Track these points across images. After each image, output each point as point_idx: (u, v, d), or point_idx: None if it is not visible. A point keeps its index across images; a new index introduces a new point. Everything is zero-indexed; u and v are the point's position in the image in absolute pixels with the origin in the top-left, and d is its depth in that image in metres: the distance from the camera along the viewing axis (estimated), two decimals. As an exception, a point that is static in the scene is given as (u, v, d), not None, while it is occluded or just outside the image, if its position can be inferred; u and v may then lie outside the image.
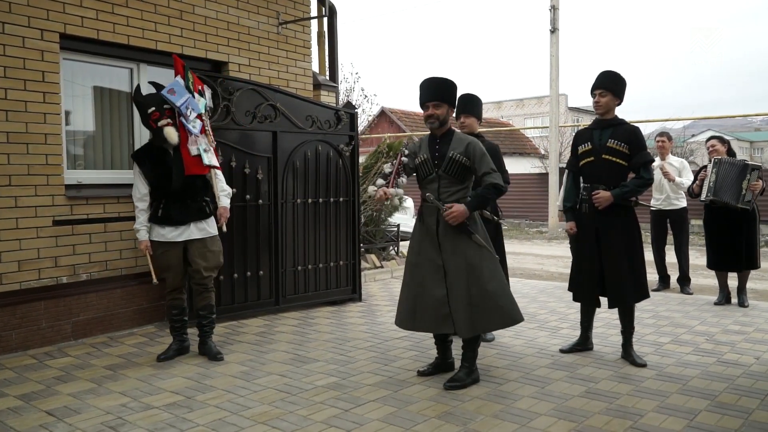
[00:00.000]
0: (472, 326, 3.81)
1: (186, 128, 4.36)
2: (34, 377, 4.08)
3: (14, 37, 4.57)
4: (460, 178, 3.88)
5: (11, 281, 4.61)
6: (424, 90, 3.96)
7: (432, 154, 3.94)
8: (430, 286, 3.87)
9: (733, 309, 6.12)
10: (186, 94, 4.42)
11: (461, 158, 3.85)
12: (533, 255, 11.77)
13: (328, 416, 3.41)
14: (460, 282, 3.81)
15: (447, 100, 3.94)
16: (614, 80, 4.39)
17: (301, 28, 6.66)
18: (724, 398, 3.65)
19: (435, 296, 3.85)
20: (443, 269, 3.86)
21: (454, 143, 3.90)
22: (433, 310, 3.85)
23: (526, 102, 38.66)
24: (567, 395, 3.71)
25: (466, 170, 3.89)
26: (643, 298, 4.42)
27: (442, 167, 3.88)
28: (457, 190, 3.89)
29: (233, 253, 5.54)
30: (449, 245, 3.86)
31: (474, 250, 3.84)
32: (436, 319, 3.86)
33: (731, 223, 6.11)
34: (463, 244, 3.84)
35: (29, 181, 4.69)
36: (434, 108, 3.91)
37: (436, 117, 3.91)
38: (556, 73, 16.01)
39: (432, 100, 3.91)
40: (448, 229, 3.85)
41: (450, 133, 3.98)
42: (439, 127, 3.95)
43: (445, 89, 3.94)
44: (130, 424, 3.31)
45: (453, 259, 3.84)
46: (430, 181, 3.94)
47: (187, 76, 4.50)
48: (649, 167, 4.34)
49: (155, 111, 4.31)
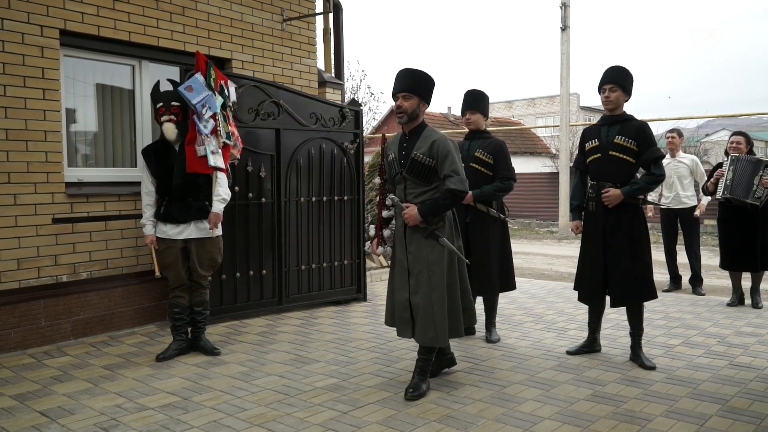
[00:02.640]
0: (422, 333, 3.66)
1: (197, 127, 4.32)
2: (30, 377, 4.03)
3: (13, 33, 4.53)
4: (425, 180, 3.64)
5: (10, 279, 4.56)
6: (396, 80, 3.70)
7: (399, 152, 3.73)
8: (398, 289, 3.79)
9: (747, 310, 5.98)
10: (204, 92, 4.39)
11: (424, 158, 3.60)
12: (543, 255, 11.63)
13: (325, 419, 3.33)
14: (420, 287, 3.66)
15: (419, 93, 3.66)
16: (623, 75, 4.29)
17: (305, 24, 6.59)
18: (735, 403, 3.53)
19: (399, 300, 3.76)
20: (408, 272, 3.72)
21: (420, 142, 3.65)
22: (398, 315, 3.77)
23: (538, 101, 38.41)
24: (572, 398, 3.61)
25: (431, 171, 3.63)
26: (650, 299, 4.30)
27: (406, 168, 3.68)
28: (423, 191, 3.66)
29: (236, 252, 5.48)
30: (414, 248, 3.70)
31: (436, 255, 3.65)
32: (400, 323, 3.77)
33: (746, 222, 5.97)
34: (428, 247, 3.66)
35: (29, 178, 4.65)
36: (403, 99, 3.64)
37: (404, 110, 3.64)
38: (566, 71, 15.85)
39: (402, 91, 3.64)
40: (415, 232, 3.69)
41: (419, 129, 3.72)
42: (408, 122, 3.69)
43: (418, 81, 3.66)
44: (123, 425, 3.25)
45: (416, 262, 3.68)
46: (398, 182, 3.76)
47: (209, 73, 4.46)
48: (660, 163, 4.22)
49: (162, 106, 4.41)
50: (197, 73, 4.44)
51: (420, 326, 3.66)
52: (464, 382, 3.90)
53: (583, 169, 4.51)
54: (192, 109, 4.34)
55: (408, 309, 3.73)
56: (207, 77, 4.44)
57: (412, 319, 3.72)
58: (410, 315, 3.72)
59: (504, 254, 4.90)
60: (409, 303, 3.72)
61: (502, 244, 4.90)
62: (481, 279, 4.78)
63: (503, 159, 4.79)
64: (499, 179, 4.75)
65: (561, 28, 15.86)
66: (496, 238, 4.82)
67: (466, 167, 4.80)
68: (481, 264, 4.77)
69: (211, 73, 4.47)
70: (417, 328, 3.68)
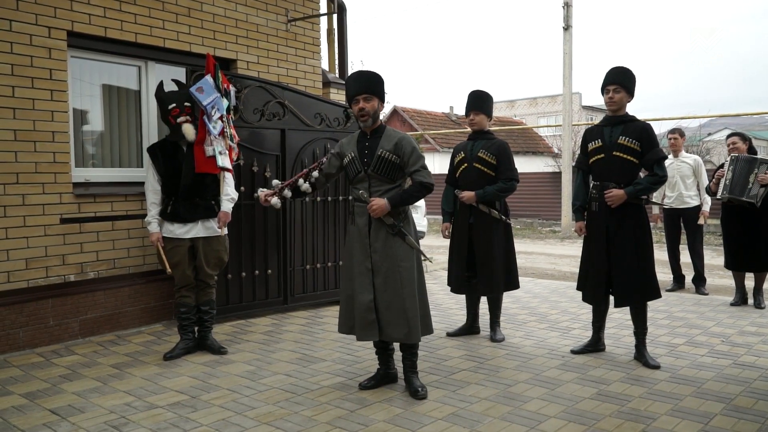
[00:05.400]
0: (395, 330, 3.64)
1: (207, 128, 4.36)
2: (40, 375, 4.07)
3: (21, 35, 4.57)
4: (390, 177, 3.67)
5: (19, 279, 4.60)
6: (352, 83, 3.70)
7: (361, 152, 3.72)
8: (359, 291, 3.69)
9: (750, 310, 6.00)
10: (214, 93, 4.44)
11: (390, 156, 3.64)
12: (546, 254, 11.65)
13: (333, 417, 3.36)
14: (389, 284, 3.65)
15: (377, 94, 3.69)
16: (627, 76, 4.31)
17: (310, 25, 6.62)
18: (740, 402, 3.55)
19: (362, 302, 3.67)
20: (371, 272, 3.68)
21: (384, 141, 3.68)
22: (360, 318, 3.68)
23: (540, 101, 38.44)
24: (577, 397, 3.63)
25: (396, 168, 3.67)
26: (653, 298, 4.33)
27: (371, 166, 3.67)
28: (388, 189, 3.68)
29: (241, 252, 5.51)
30: (380, 245, 3.67)
31: (404, 253, 3.67)
32: (362, 327, 3.68)
33: (749, 222, 5.98)
34: (396, 245, 3.67)
35: (37, 179, 4.68)
36: (365, 101, 3.65)
37: (366, 112, 3.65)
38: (569, 70, 15.86)
39: (362, 93, 3.64)
40: (381, 230, 3.68)
41: (380, 129, 3.74)
42: (371, 124, 3.72)
43: (374, 82, 3.69)
44: (134, 423, 3.28)
45: (384, 260, 3.65)
46: (360, 181, 3.72)
47: (217, 75, 4.50)
48: (662, 164, 4.25)
49: (176, 107, 4.43)
50: (207, 75, 4.47)
51: (391, 324, 3.64)
52: (470, 381, 3.93)
53: (586, 169, 4.53)
54: (201, 110, 4.38)
55: (372, 310, 3.66)
56: (215, 79, 4.48)
57: (377, 320, 3.67)
58: (375, 316, 3.66)
59: (508, 253, 4.93)
60: (374, 304, 3.66)
61: (506, 243, 4.93)
62: (486, 279, 4.81)
63: (506, 159, 4.81)
64: (502, 180, 4.77)
65: (563, 27, 15.86)
66: (500, 237, 4.85)
67: (469, 167, 4.86)
68: (485, 264, 4.80)
69: (219, 76, 4.51)
70: (388, 327, 3.65)
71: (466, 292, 5.03)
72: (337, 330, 3.91)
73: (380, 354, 3.89)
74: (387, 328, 3.66)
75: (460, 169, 4.92)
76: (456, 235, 4.97)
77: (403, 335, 3.65)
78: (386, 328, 3.66)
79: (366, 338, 3.73)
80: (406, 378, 3.77)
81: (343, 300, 3.85)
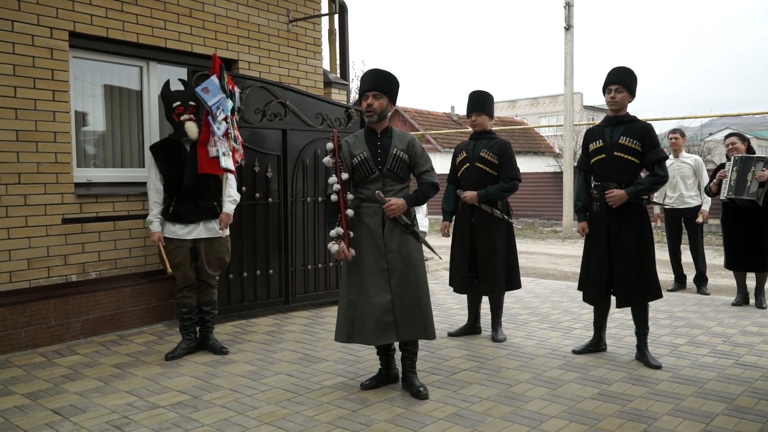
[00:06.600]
0: (412, 328, 3.66)
1: (211, 128, 4.36)
2: (42, 375, 4.07)
3: (23, 36, 4.57)
4: (402, 177, 3.73)
5: (21, 279, 4.61)
6: (366, 79, 3.73)
7: (373, 151, 3.72)
8: (373, 293, 3.62)
9: (751, 310, 5.99)
10: (219, 94, 4.44)
11: (404, 156, 3.71)
12: (547, 254, 11.65)
13: (334, 417, 3.36)
14: (406, 283, 3.65)
15: (387, 93, 3.71)
16: (629, 76, 4.32)
17: (311, 25, 6.62)
18: (741, 402, 3.55)
19: (379, 303, 3.60)
20: (387, 272, 3.65)
21: (396, 140, 3.74)
22: (375, 320, 3.60)
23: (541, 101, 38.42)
24: (579, 397, 3.63)
25: (407, 168, 3.75)
26: (655, 298, 4.33)
27: (387, 165, 3.69)
28: (400, 188, 3.73)
29: (243, 252, 5.52)
30: (396, 245, 3.66)
31: (417, 252, 3.72)
32: (377, 329, 3.60)
33: (750, 222, 5.98)
34: (410, 245, 3.69)
35: (38, 179, 4.69)
36: (374, 98, 3.67)
37: (374, 109, 3.67)
38: (570, 70, 15.85)
39: (372, 90, 3.67)
40: (395, 229, 3.68)
41: (389, 129, 3.79)
42: (378, 121, 3.72)
43: (386, 81, 3.72)
44: (136, 423, 3.29)
45: (399, 260, 3.65)
46: (373, 181, 3.68)
47: (223, 76, 4.50)
48: (663, 164, 4.25)
49: (180, 105, 4.43)
50: (213, 76, 4.47)
51: (409, 323, 3.65)
52: (471, 381, 3.93)
53: (587, 169, 4.53)
54: (206, 110, 4.38)
55: (390, 312, 3.61)
56: (221, 80, 4.48)
57: (394, 322, 3.63)
58: (393, 317, 3.62)
59: (509, 253, 4.93)
60: (391, 305, 3.62)
61: (508, 243, 4.93)
62: (487, 278, 4.81)
63: (508, 159, 4.81)
64: (504, 179, 4.78)
65: (565, 27, 15.86)
66: (502, 237, 4.85)
67: (471, 167, 4.86)
68: (487, 263, 4.80)
69: (224, 77, 4.51)
70: (405, 327, 3.64)
71: (468, 292, 5.03)
72: (334, 338, 3.81)
73: (382, 354, 3.88)
74: (404, 328, 3.66)
75: (462, 169, 4.93)
76: (458, 235, 4.98)
77: (422, 332, 3.68)
78: (403, 329, 3.66)
79: (383, 341, 3.65)
80: (406, 379, 3.77)
81: (343, 306, 3.75)
